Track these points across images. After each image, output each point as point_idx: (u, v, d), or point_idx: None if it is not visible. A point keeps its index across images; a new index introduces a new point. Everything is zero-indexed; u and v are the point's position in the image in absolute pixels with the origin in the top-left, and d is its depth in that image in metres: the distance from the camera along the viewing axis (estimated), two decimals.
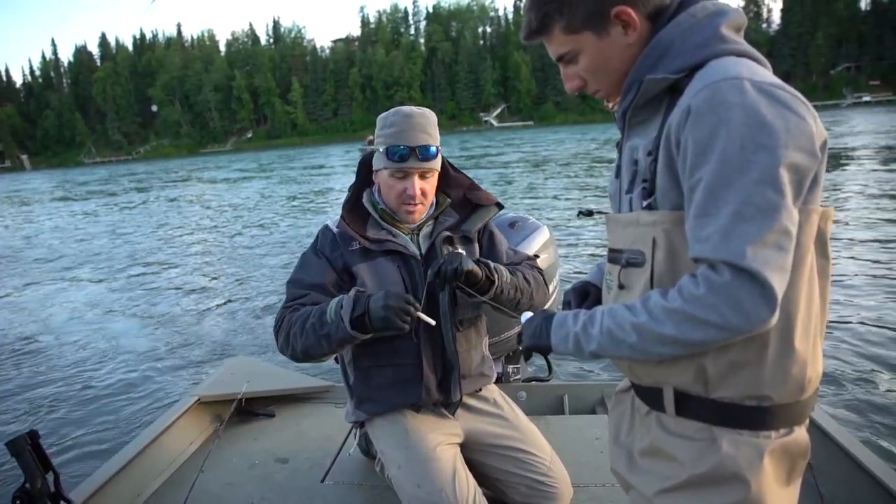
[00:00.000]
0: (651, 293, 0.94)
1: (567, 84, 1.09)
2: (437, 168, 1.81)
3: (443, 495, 1.66)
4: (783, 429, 0.96)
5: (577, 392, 2.72)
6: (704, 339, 0.88)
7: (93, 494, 1.91)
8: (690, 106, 0.88)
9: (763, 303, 0.83)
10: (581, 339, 1.02)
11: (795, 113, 0.85)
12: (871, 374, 4.09)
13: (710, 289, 0.85)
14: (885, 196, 10.97)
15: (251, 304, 7.11)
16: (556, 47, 1.05)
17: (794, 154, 0.83)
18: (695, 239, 0.88)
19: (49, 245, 13.48)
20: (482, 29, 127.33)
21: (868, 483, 1.74)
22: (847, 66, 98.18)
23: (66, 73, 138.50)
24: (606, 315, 0.99)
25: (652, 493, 1.04)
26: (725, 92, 0.85)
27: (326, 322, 1.65)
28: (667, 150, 0.93)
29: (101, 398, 4.67)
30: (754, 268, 0.82)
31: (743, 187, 0.83)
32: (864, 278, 6.19)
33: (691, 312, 0.87)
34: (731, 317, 0.84)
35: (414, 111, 1.76)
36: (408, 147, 1.71)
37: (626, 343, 0.95)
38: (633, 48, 1.01)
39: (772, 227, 0.82)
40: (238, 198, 21.28)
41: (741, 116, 0.83)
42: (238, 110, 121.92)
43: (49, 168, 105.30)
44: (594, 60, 1.03)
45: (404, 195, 1.77)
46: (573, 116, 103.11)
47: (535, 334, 1.13)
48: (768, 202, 0.83)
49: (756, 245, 0.82)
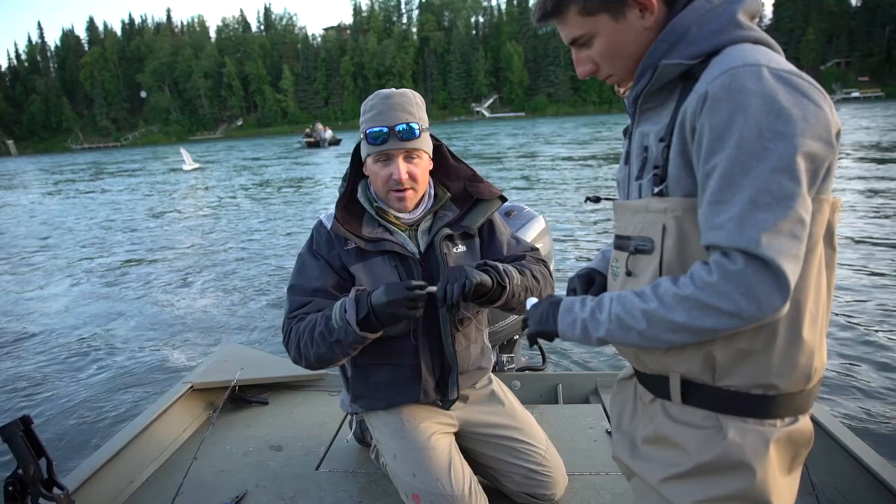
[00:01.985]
0: (661, 280, 0.94)
1: (579, 68, 1.07)
2: (422, 148, 1.71)
3: (438, 484, 1.67)
4: (788, 417, 0.96)
5: (570, 381, 2.73)
6: (715, 326, 0.87)
7: (86, 481, 1.90)
8: (707, 92, 0.87)
9: (776, 291, 0.82)
10: (589, 325, 1.01)
11: (813, 101, 0.84)
12: (860, 365, 4.14)
13: (724, 276, 0.84)
14: (875, 190, 11.06)
15: (245, 291, 7.08)
16: (570, 30, 1.02)
17: (810, 142, 0.83)
18: (709, 225, 0.87)
19: (36, 231, 13.33)
20: (475, 19, 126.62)
21: (857, 471, 1.76)
22: (837, 62, 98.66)
23: (53, 58, 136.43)
24: (615, 301, 0.98)
25: (656, 481, 1.04)
26: (743, 78, 0.84)
27: (334, 328, 1.59)
28: (681, 137, 0.92)
29: (93, 385, 4.64)
30: (768, 256, 0.81)
31: (759, 174, 0.82)
32: (852, 271, 6.25)
33: (703, 299, 0.86)
34: (743, 304, 0.84)
35: (393, 91, 1.68)
36: (387, 128, 1.63)
37: (635, 330, 0.94)
38: (649, 32, 0.99)
39: (787, 216, 0.82)
40: (228, 185, 21.12)
41: (759, 103, 0.83)
42: (228, 97, 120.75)
43: (36, 154, 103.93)
44: (609, 44, 1.00)
45: (391, 180, 1.68)
46: (565, 108, 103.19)
47: (541, 320, 1.11)
48: (784, 190, 0.82)
49: (771, 233, 0.81)
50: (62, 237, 12.32)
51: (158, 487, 2.06)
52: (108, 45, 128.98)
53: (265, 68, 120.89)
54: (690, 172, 0.92)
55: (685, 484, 0.99)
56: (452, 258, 1.78)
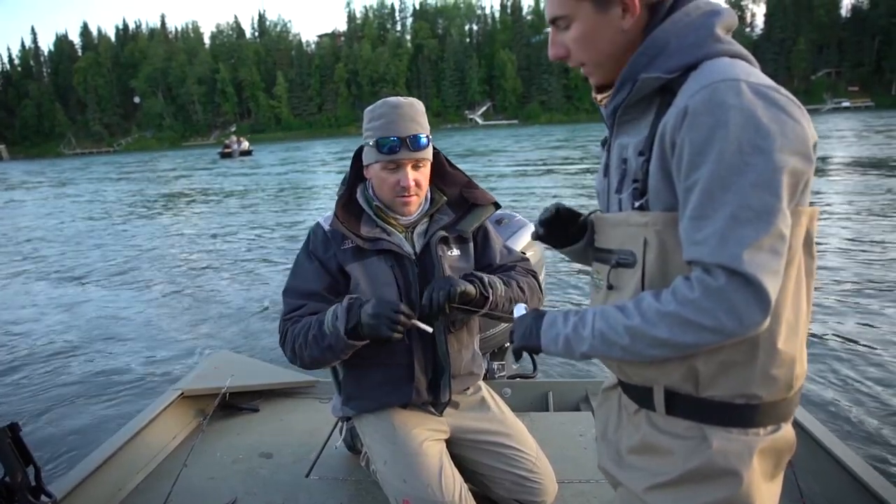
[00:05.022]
0: (644, 295, 0.94)
1: (551, 50, 1.07)
2: (429, 158, 1.77)
3: (429, 490, 1.67)
4: (771, 426, 0.97)
5: (561, 389, 2.73)
6: (697, 342, 0.88)
7: (74, 488, 1.89)
8: (688, 107, 0.87)
9: (757, 307, 0.83)
10: (572, 340, 1.02)
11: (791, 116, 0.85)
12: (845, 371, 4.16)
13: (705, 292, 0.85)
14: (862, 199, 11.15)
15: (236, 298, 7.06)
16: (552, 8, 1.02)
17: (789, 158, 0.83)
18: (690, 241, 0.87)
19: (26, 235, 13.24)
20: (469, 27, 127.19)
21: (844, 478, 1.77)
22: (827, 72, 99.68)
23: (47, 63, 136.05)
24: (598, 317, 0.98)
25: (642, 490, 1.04)
26: (723, 94, 0.85)
27: (326, 333, 1.64)
28: (661, 151, 0.92)
29: (82, 392, 4.61)
30: (750, 272, 0.82)
31: (740, 190, 0.83)
32: (836, 278, 6.31)
33: (685, 315, 0.87)
34: (725, 321, 0.84)
35: (402, 101, 1.72)
36: (398, 138, 1.67)
37: (618, 345, 0.95)
38: (626, 35, 0.99)
39: (768, 231, 0.82)
40: (220, 190, 21.07)
41: (738, 118, 0.83)
42: (222, 103, 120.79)
43: (28, 158, 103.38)
44: (584, 33, 1.00)
45: (398, 187, 1.72)
46: (558, 116, 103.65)
47: (525, 335, 1.12)
48: (765, 206, 0.82)
49: (752, 249, 0.82)
50: (48, 242, 12.25)
51: (148, 495, 2.05)
52: (101, 50, 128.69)
53: (259, 74, 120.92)
54: (670, 186, 0.93)
55: (671, 492, 1.00)
56: (448, 261, 1.82)
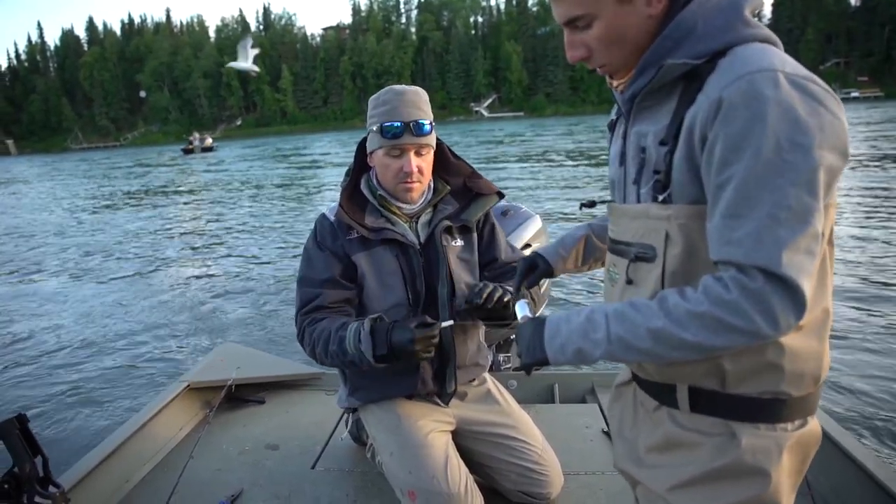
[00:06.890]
0: (666, 294, 0.89)
1: (570, 52, 0.98)
2: (431, 144, 1.78)
3: (434, 482, 1.67)
4: (798, 420, 0.94)
5: (567, 381, 2.73)
6: (728, 344, 0.84)
7: (82, 479, 1.90)
8: (722, 99, 0.82)
9: (793, 310, 0.80)
10: (583, 348, 0.95)
11: (829, 110, 0.80)
12: (853, 365, 4.14)
13: (743, 293, 0.80)
14: (873, 191, 11.07)
15: (242, 290, 7.08)
16: (568, 8, 0.93)
17: (828, 154, 0.79)
18: (723, 240, 0.83)
19: (33, 230, 13.32)
20: (474, 19, 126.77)
21: (853, 471, 1.76)
22: (836, 62, 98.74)
23: (53, 58, 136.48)
24: (613, 319, 0.92)
25: (664, 489, 1.00)
26: (760, 85, 0.79)
27: (347, 351, 1.64)
28: (688, 144, 0.87)
29: (90, 384, 4.64)
30: (788, 275, 0.78)
31: (777, 189, 0.79)
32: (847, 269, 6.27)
33: (720, 316, 0.82)
34: (760, 323, 0.80)
35: (406, 88, 1.74)
36: (402, 123, 1.68)
37: (636, 349, 0.90)
38: (652, 21, 0.92)
39: (805, 232, 0.79)
40: (226, 183, 21.11)
41: (776, 112, 0.78)
42: (227, 97, 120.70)
43: (35, 153, 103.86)
44: (610, 29, 0.92)
45: (401, 173, 1.73)
46: (563, 108, 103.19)
47: (529, 350, 1.03)
48: (803, 205, 0.79)
49: (790, 251, 0.79)
50: (56, 236, 12.32)
51: (154, 486, 2.06)
52: (107, 44, 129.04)
53: (264, 68, 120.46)
54: (696, 180, 0.88)
55: (696, 491, 0.96)
56: (451, 251, 1.83)
